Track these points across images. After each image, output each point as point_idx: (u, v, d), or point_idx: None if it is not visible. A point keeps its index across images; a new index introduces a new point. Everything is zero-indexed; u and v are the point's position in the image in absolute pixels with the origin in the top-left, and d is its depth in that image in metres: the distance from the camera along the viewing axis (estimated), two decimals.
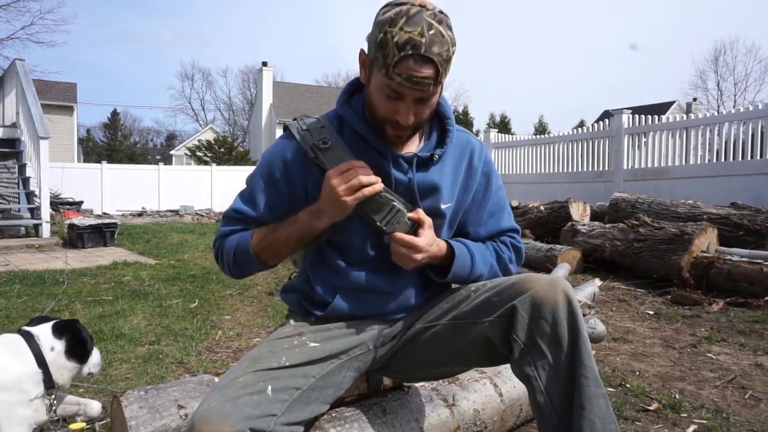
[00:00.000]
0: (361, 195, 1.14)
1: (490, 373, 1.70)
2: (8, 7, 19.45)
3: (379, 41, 1.08)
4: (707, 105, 37.09)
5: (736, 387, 2.29)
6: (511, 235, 1.39)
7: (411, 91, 1.11)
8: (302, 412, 1.09)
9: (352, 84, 1.31)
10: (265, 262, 1.27)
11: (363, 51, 1.19)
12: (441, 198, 1.28)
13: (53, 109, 22.02)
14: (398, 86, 1.10)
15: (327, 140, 1.22)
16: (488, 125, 35.85)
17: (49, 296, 3.79)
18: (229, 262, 1.28)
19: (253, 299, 3.90)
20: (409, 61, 1.06)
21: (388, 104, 1.15)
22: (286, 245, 1.24)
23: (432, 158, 1.26)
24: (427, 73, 1.08)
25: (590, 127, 11.36)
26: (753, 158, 7.58)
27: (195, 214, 15.08)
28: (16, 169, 8.07)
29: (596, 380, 1.09)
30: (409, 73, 1.07)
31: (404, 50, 1.05)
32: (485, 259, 1.32)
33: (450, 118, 1.30)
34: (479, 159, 1.35)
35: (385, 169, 1.23)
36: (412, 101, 1.14)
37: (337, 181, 1.14)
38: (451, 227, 1.35)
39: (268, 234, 1.24)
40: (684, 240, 4.38)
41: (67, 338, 1.73)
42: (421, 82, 1.08)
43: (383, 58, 1.08)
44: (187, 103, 59.14)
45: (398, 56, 1.06)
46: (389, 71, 1.08)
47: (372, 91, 1.18)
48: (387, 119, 1.18)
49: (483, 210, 1.37)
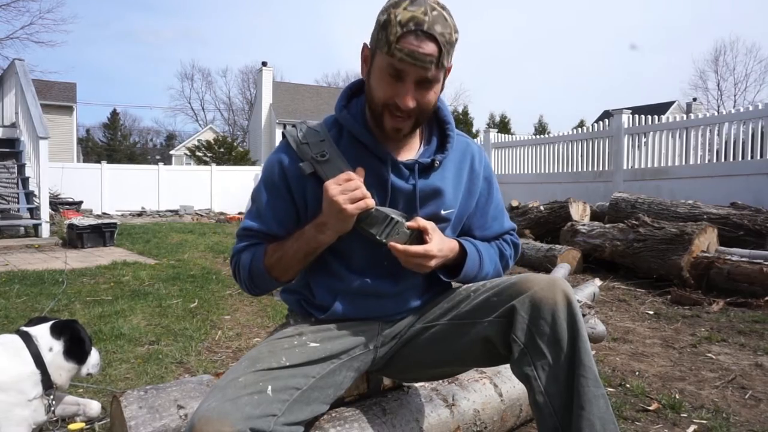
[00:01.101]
0: (364, 204, 1.13)
1: (490, 373, 1.70)
2: (8, 7, 19.46)
3: (383, 22, 1.09)
4: (707, 105, 37.12)
5: (736, 387, 2.28)
6: (511, 233, 1.45)
7: (412, 69, 1.10)
8: (302, 412, 1.09)
9: (350, 88, 1.30)
10: (277, 279, 1.25)
11: (366, 45, 1.19)
12: (443, 203, 1.28)
13: (53, 109, 22.04)
14: (400, 63, 1.09)
15: (325, 153, 1.20)
16: (488, 125, 35.86)
17: (48, 296, 3.78)
18: (245, 279, 1.28)
19: (253, 299, 3.90)
20: (411, 37, 1.07)
21: (389, 87, 1.13)
22: (294, 260, 1.22)
23: (433, 164, 1.25)
24: (428, 50, 1.08)
25: (590, 127, 11.35)
26: (753, 158, 7.57)
27: (195, 214, 15.08)
28: (16, 169, 8.06)
29: (596, 380, 1.09)
30: (410, 48, 1.07)
31: (407, 26, 1.06)
32: (491, 258, 1.36)
33: (450, 122, 1.30)
34: (480, 163, 1.36)
35: (384, 176, 1.23)
36: (413, 82, 1.12)
37: (335, 190, 1.12)
38: (454, 232, 1.35)
39: (277, 249, 1.23)
40: (684, 240, 4.38)
41: (66, 338, 1.73)
42: (422, 58, 1.08)
43: (386, 37, 1.08)
44: (187, 103, 59.20)
45: (401, 32, 1.07)
46: (391, 48, 1.08)
47: (373, 77, 1.17)
48: (386, 105, 1.15)
49: (487, 214, 1.40)
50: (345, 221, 1.15)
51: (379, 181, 1.22)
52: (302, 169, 1.20)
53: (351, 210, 1.12)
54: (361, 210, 1.13)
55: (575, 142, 10.40)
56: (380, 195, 1.23)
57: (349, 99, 1.29)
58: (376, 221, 1.16)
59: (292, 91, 31.60)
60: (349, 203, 1.12)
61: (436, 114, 1.30)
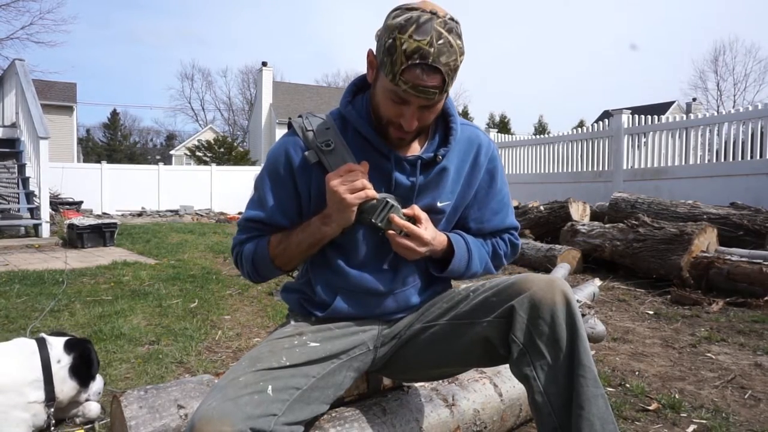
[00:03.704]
0: (364, 195, 1.15)
1: (489, 373, 1.70)
2: (8, 7, 19.50)
3: (388, 47, 1.08)
4: (707, 105, 37.12)
5: (735, 387, 2.29)
6: (511, 232, 1.43)
7: (416, 99, 1.11)
8: (302, 411, 1.09)
9: (355, 83, 1.31)
10: (280, 267, 1.29)
11: (371, 51, 1.19)
12: (440, 195, 1.29)
13: (53, 109, 22.04)
14: (404, 93, 1.10)
15: (330, 142, 1.22)
16: (488, 125, 35.85)
17: (48, 296, 3.79)
18: (249, 268, 1.30)
19: (253, 299, 3.90)
20: (416, 71, 1.06)
21: (393, 108, 1.15)
22: (298, 251, 1.25)
23: (436, 159, 1.26)
24: (433, 83, 1.08)
25: (590, 127, 11.35)
26: (753, 158, 7.58)
27: (195, 214, 15.08)
28: (16, 169, 8.06)
29: (595, 380, 1.09)
30: (415, 82, 1.07)
31: (412, 59, 1.05)
32: (481, 256, 1.35)
33: (453, 115, 1.30)
34: (485, 156, 1.34)
35: (387, 171, 1.24)
36: (417, 107, 1.14)
37: (336, 182, 1.15)
38: (449, 223, 1.35)
39: (283, 240, 1.25)
40: (684, 240, 4.38)
41: (75, 355, 1.76)
42: (426, 91, 1.09)
43: (391, 64, 1.08)
44: (187, 103, 59.22)
45: (405, 64, 1.06)
46: (396, 78, 1.08)
47: (378, 93, 1.18)
48: (391, 122, 1.18)
49: (486, 208, 1.37)
50: (346, 211, 1.16)
51: (383, 176, 1.23)
52: (307, 158, 1.22)
53: (350, 200, 1.14)
54: (361, 200, 1.15)
55: (575, 142, 10.41)
56: (383, 190, 1.24)
57: (354, 95, 1.30)
58: (374, 209, 1.19)
59: (292, 91, 31.61)
60: (349, 193, 1.14)
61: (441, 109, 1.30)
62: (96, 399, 1.86)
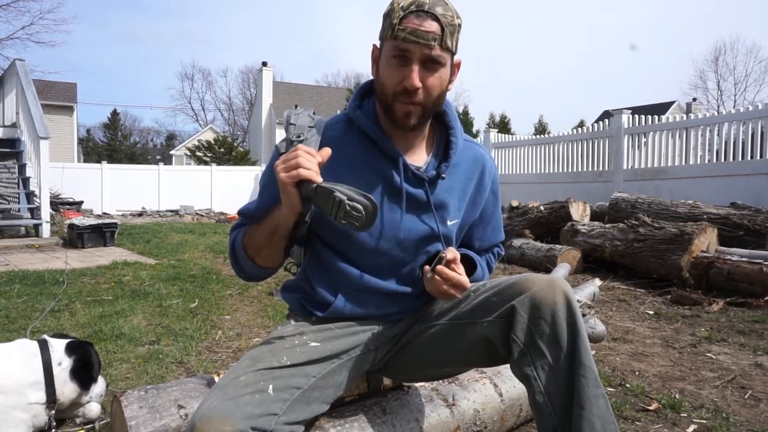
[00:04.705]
0: (296, 174, 1.06)
1: (490, 373, 1.70)
2: (8, 7, 19.50)
3: (386, 11, 1.15)
4: (707, 105, 37.10)
5: (735, 387, 2.29)
6: (499, 245, 1.52)
7: (416, 47, 1.11)
8: (303, 411, 1.09)
9: (363, 88, 1.31)
10: (253, 258, 1.25)
11: (375, 46, 1.21)
12: (447, 215, 1.29)
13: (53, 109, 22.04)
14: (403, 42, 1.11)
15: (302, 135, 1.22)
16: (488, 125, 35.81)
17: (49, 296, 3.79)
18: (231, 259, 1.32)
19: (253, 299, 3.90)
20: (412, 17, 1.11)
21: (396, 73, 1.15)
22: (261, 237, 1.21)
23: (439, 175, 1.26)
24: (431, 28, 1.11)
25: (590, 127, 11.35)
26: (753, 158, 7.58)
27: (195, 214, 15.08)
28: (16, 169, 8.07)
29: (595, 380, 1.09)
30: (412, 27, 1.10)
31: (408, 9, 1.11)
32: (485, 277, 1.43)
33: (454, 128, 1.30)
34: (489, 177, 1.37)
35: (392, 177, 1.23)
36: (419, 62, 1.13)
37: (278, 161, 1.09)
38: (456, 240, 1.36)
39: (254, 228, 1.24)
40: (684, 240, 4.38)
41: (76, 358, 1.76)
42: (424, 35, 1.10)
43: (389, 22, 1.13)
44: (187, 103, 59.21)
45: (402, 14, 1.11)
46: (395, 30, 1.12)
47: (381, 69, 1.19)
48: (395, 93, 1.16)
49: (489, 226, 1.44)
50: (285, 192, 1.09)
51: (388, 185, 1.23)
52: (278, 148, 1.23)
53: (283, 178, 1.07)
54: (294, 179, 1.06)
55: (575, 142, 10.40)
56: (389, 196, 1.24)
57: (362, 99, 1.31)
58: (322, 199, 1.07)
59: (292, 91, 31.63)
60: (283, 172, 1.07)
61: (442, 119, 1.30)
62: (98, 401, 1.86)
